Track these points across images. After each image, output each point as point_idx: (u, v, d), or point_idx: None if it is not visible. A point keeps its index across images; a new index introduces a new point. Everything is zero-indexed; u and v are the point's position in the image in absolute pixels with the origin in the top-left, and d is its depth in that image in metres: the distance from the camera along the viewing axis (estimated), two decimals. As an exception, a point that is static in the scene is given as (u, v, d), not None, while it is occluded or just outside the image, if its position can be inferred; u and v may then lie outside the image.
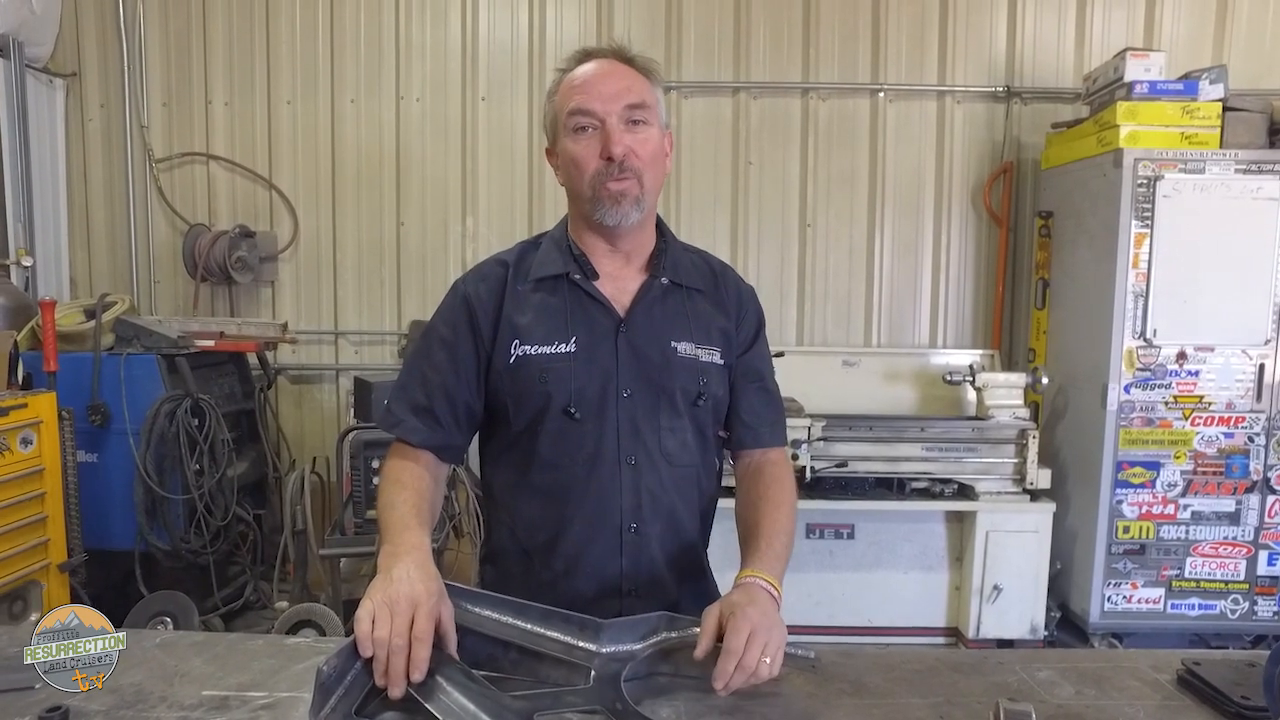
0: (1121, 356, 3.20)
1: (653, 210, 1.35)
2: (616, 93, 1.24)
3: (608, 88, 1.25)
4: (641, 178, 1.26)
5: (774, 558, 1.22)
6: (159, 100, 3.98)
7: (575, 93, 1.26)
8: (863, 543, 3.42)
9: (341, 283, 4.01)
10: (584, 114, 1.24)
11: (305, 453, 3.95)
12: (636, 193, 1.26)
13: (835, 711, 1.05)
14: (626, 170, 1.24)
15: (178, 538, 3.16)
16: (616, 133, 1.23)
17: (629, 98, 1.25)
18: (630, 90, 1.25)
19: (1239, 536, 3.29)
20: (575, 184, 1.29)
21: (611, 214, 1.26)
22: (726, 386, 1.37)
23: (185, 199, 3.99)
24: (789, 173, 4.00)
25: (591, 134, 1.25)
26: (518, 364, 1.28)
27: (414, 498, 1.23)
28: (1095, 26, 3.88)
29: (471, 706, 0.95)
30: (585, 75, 1.27)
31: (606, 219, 1.27)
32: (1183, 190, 3.13)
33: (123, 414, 3.15)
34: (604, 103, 1.24)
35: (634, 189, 1.25)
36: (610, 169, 1.24)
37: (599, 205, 1.26)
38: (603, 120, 1.24)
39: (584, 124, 1.25)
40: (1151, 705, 1.08)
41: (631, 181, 1.25)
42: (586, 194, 1.27)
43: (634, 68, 1.29)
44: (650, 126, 1.27)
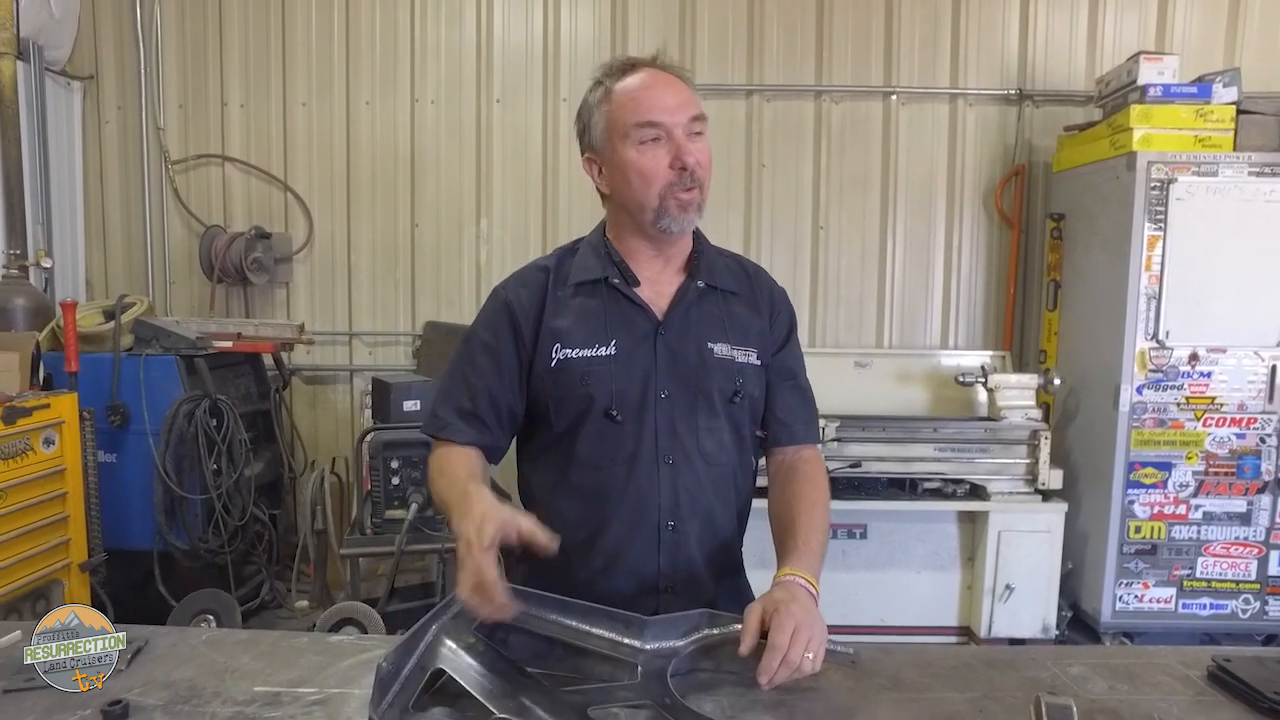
0: (1134, 358, 3.22)
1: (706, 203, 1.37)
2: (680, 104, 1.27)
3: (671, 99, 1.27)
4: (703, 186, 1.30)
5: (811, 556, 1.24)
6: (175, 102, 4.01)
7: (639, 104, 1.27)
8: (875, 542, 3.44)
9: (356, 284, 4.04)
10: (653, 125, 1.26)
11: (319, 453, 3.98)
12: (699, 201, 1.30)
13: (875, 706, 1.08)
14: (695, 180, 1.28)
15: (196, 537, 3.18)
16: (686, 144, 1.26)
17: (692, 109, 1.28)
18: (690, 102, 1.29)
19: (1250, 537, 3.31)
20: (639, 194, 1.30)
21: (678, 222, 1.30)
22: (763, 387, 1.40)
23: (201, 201, 4.02)
24: (802, 175, 4.02)
25: (658, 145, 1.27)
26: (559, 367, 1.31)
27: (466, 470, 1.28)
28: (1107, 29, 3.91)
29: (528, 703, 0.98)
30: (645, 86, 1.29)
31: (673, 227, 1.30)
32: (1196, 193, 3.15)
33: (142, 414, 3.18)
34: (670, 114, 1.27)
35: (698, 198, 1.30)
36: (683, 179, 1.27)
37: (665, 214, 1.29)
38: (670, 131, 1.26)
39: (653, 135, 1.27)
40: (1185, 700, 1.10)
41: (696, 191, 1.29)
42: (653, 204, 1.29)
43: (679, 75, 1.32)
44: (705, 136, 1.31)
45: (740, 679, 1.13)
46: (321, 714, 1.04)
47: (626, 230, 1.36)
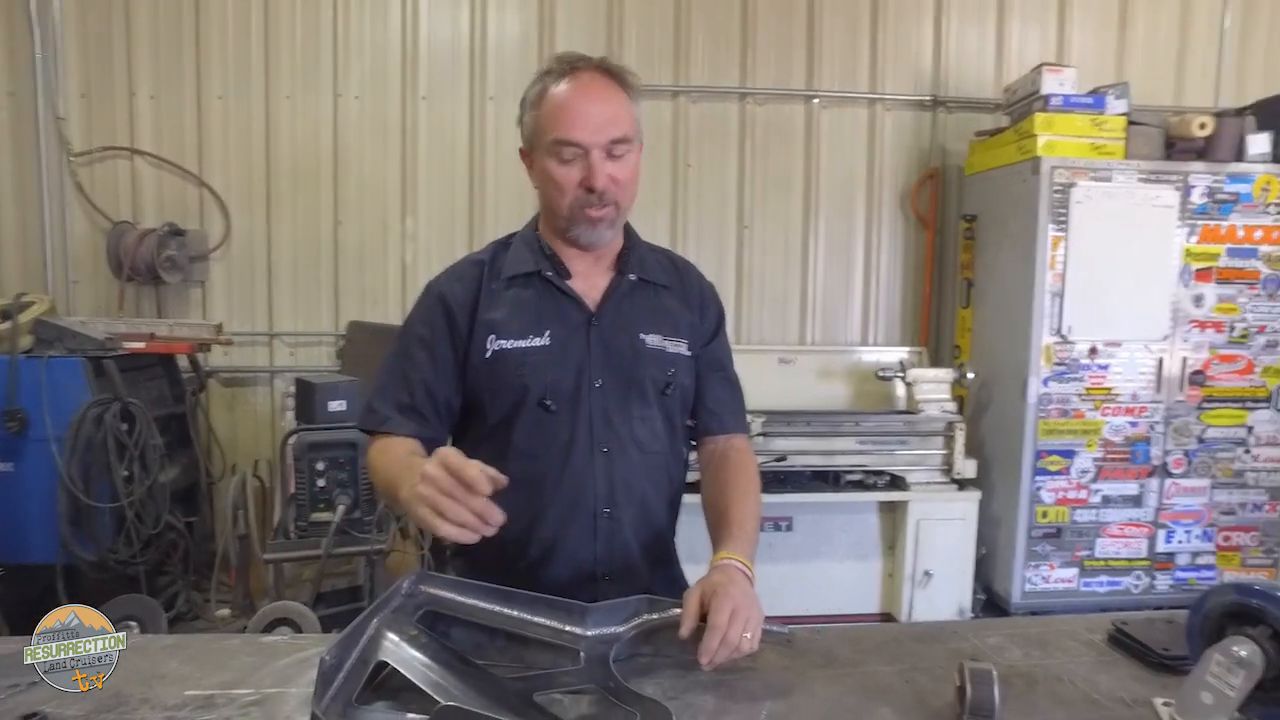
0: (1040, 352, 3.41)
1: (626, 214, 1.40)
2: (602, 124, 1.27)
3: (594, 116, 1.26)
4: (619, 202, 1.32)
5: (746, 541, 1.28)
6: (76, 91, 3.79)
7: (560, 120, 1.27)
8: (801, 534, 3.54)
9: (276, 283, 3.91)
10: (570, 145, 1.27)
11: (239, 457, 3.83)
12: (613, 217, 1.32)
13: (811, 683, 1.12)
14: (606, 199, 1.29)
15: (105, 548, 3.03)
16: (599, 165, 1.27)
17: (613, 131, 1.27)
18: (614, 122, 1.28)
19: (1142, 518, 3.56)
20: (554, 202, 1.33)
21: (587, 235, 1.33)
22: (693, 376, 1.43)
23: (107, 195, 3.81)
24: (726, 175, 4.10)
25: (573, 162, 1.28)
26: (494, 358, 1.32)
27: (408, 450, 1.28)
28: (1013, 41, 4.13)
29: (473, 692, 0.98)
30: (570, 99, 1.27)
31: (583, 239, 1.34)
32: (1093, 197, 3.36)
33: (43, 420, 3.00)
34: (590, 134, 1.26)
35: (611, 214, 1.32)
36: (591, 198, 1.28)
37: (575, 225, 1.32)
38: (586, 151, 1.27)
39: (566, 154, 1.27)
40: (1090, 661, 1.19)
41: (609, 208, 1.31)
42: (564, 214, 1.32)
43: (618, 81, 1.31)
44: (630, 154, 1.31)
45: (680, 662, 1.16)
46: (259, 714, 1.02)
47: (553, 230, 1.38)
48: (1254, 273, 3.47)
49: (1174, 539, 3.58)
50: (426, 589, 1.13)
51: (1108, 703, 1.07)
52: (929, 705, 1.05)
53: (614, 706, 1.02)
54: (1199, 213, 3.42)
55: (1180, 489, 3.55)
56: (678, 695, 1.07)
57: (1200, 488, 3.56)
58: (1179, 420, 3.51)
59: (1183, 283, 3.45)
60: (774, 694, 1.09)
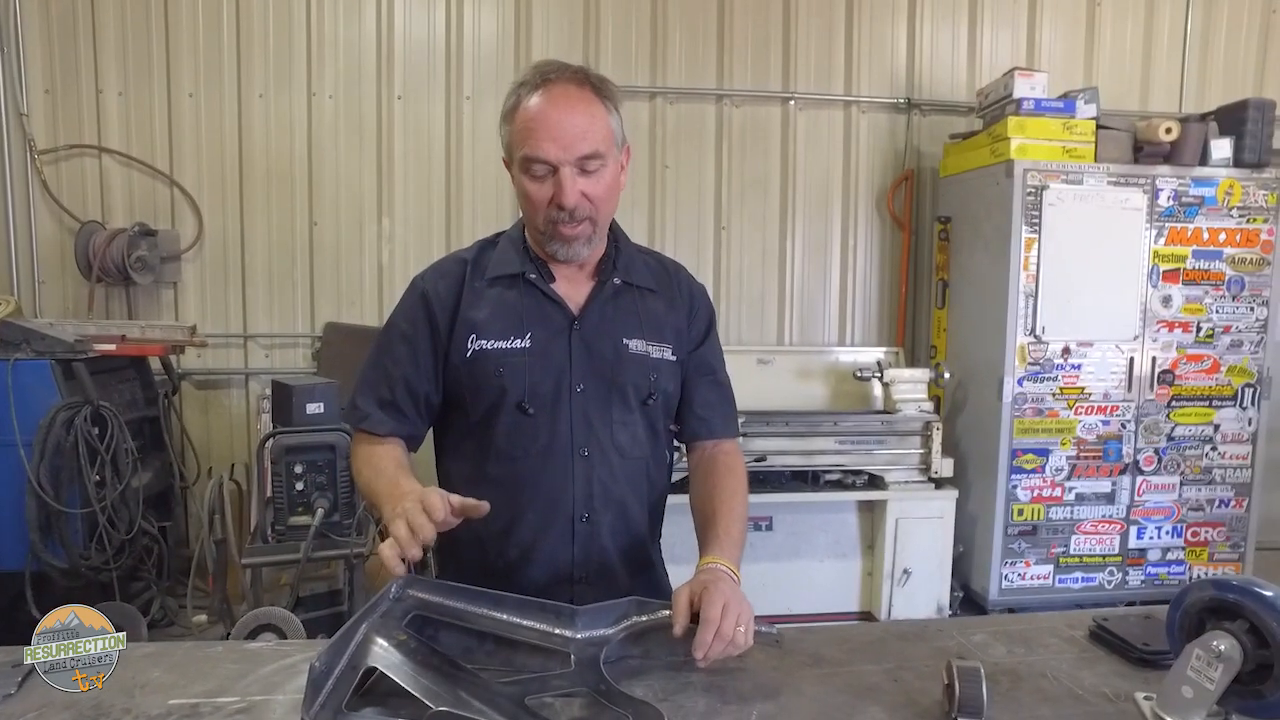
0: (1015, 352, 3.47)
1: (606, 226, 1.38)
2: (572, 140, 1.22)
3: (565, 133, 1.22)
4: (595, 217, 1.29)
5: (732, 545, 1.28)
6: (40, 87, 3.71)
7: (528, 137, 1.23)
8: (781, 534, 3.56)
9: (251, 284, 3.86)
10: (538, 161, 1.24)
11: (214, 461, 3.78)
12: (589, 233, 1.30)
13: (800, 682, 1.13)
14: (579, 215, 1.27)
15: (77, 554, 2.96)
16: (568, 183, 1.23)
17: (583, 148, 1.23)
18: (585, 137, 1.23)
19: (1114, 514, 3.63)
20: (529, 216, 1.32)
21: (562, 251, 1.31)
22: (677, 382, 1.43)
23: (74, 194, 3.74)
24: (704, 176, 4.12)
25: (545, 178, 1.25)
26: (474, 358, 1.32)
27: (394, 465, 1.30)
28: (985, 45, 4.19)
29: (464, 695, 0.98)
30: (541, 113, 1.23)
31: (559, 254, 1.32)
32: (1065, 199, 3.42)
33: (10, 424, 2.93)
34: (559, 151, 1.22)
35: (586, 230, 1.29)
36: (562, 215, 1.26)
37: (550, 242, 1.31)
38: (556, 168, 1.24)
39: (538, 171, 1.25)
40: (1071, 657, 1.21)
41: (584, 225, 1.28)
42: (539, 227, 1.31)
43: (593, 91, 1.27)
44: (605, 168, 1.27)
45: (670, 664, 1.16)
46: (245, 722, 1.01)
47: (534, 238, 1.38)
48: (1219, 274, 3.55)
49: (1145, 535, 3.65)
50: (414, 593, 1.12)
51: (1091, 698, 1.09)
52: (918, 703, 1.06)
53: (605, 709, 1.02)
54: (1166, 215, 3.50)
55: (1151, 486, 3.63)
56: (668, 697, 1.07)
57: (1170, 484, 3.64)
58: (1149, 419, 3.59)
59: (1151, 283, 3.52)
60: (764, 695, 1.09)
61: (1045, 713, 1.05)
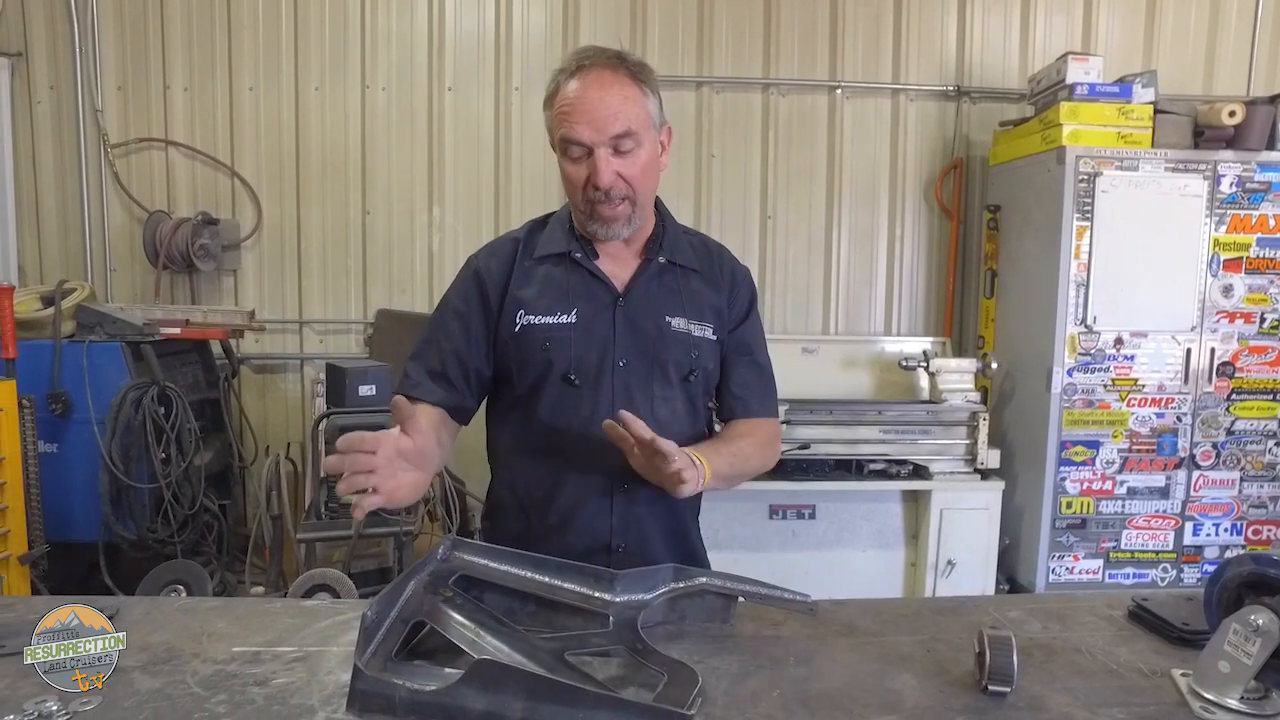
0: (1064, 342, 3.40)
1: (648, 210, 1.42)
2: (605, 121, 1.27)
3: (598, 114, 1.27)
4: (633, 197, 1.33)
5: (714, 454, 1.33)
6: (113, 84, 3.89)
7: (565, 119, 1.29)
8: (823, 522, 3.55)
9: (306, 272, 3.99)
10: (575, 144, 1.29)
11: (270, 442, 3.92)
12: (628, 213, 1.35)
13: (833, 650, 1.15)
14: (615, 196, 1.31)
15: (145, 527, 3.12)
16: (603, 164, 1.29)
17: (616, 127, 1.28)
18: (618, 117, 1.28)
19: (1168, 510, 3.53)
20: (570, 197, 1.38)
21: (602, 231, 1.36)
22: (718, 361, 1.46)
23: (143, 186, 3.91)
24: (750, 166, 4.12)
25: (580, 160, 1.31)
26: (522, 332, 1.38)
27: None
28: (1038, 30, 4.10)
29: (506, 648, 1.02)
30: (576, 97, 1.29)
31: (600, 234, 1.37)
32: (1119, 186, 3.34)
33: (85, 403, 3.10)
34: (593, 132, 1.28)
35: (625, 210, 1.34)
36: (599, 195, 1.31)
37: (591, 222, 1.36)
38: (591, 149, 1.29)
39: (574, 152, 1.30)
40: (1108, 635, 1.21)
41: (622, 205, 1.33)
42: (581, 208, 1.36)
43: (628, 74, 1.31)
44: (640, 148, 1.31)
45: (705, 630, 1.20)
46: (303, 669, 1.07)
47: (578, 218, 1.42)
48: (1286, 263, 3.43)
49: (1201, 532, 3.55)
50: (460, 555, 1.17)
51: (1126, 673, 1.09)
52: (949, 673, 1.08)
53: (642, 667, 1.05)
54: (1228, 202, 3.39)
55: (1208, 481, 3.53)
56: (703, 659, 1.11)
57: (1229, 480, 3.53)
58: (1207, 412, 3.48)
59: (1211, 273, 3.42)
60: (797, 659, 1.12)
61: (1078, 685, 1.05)
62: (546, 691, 0.91)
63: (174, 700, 0.98)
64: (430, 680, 0.97)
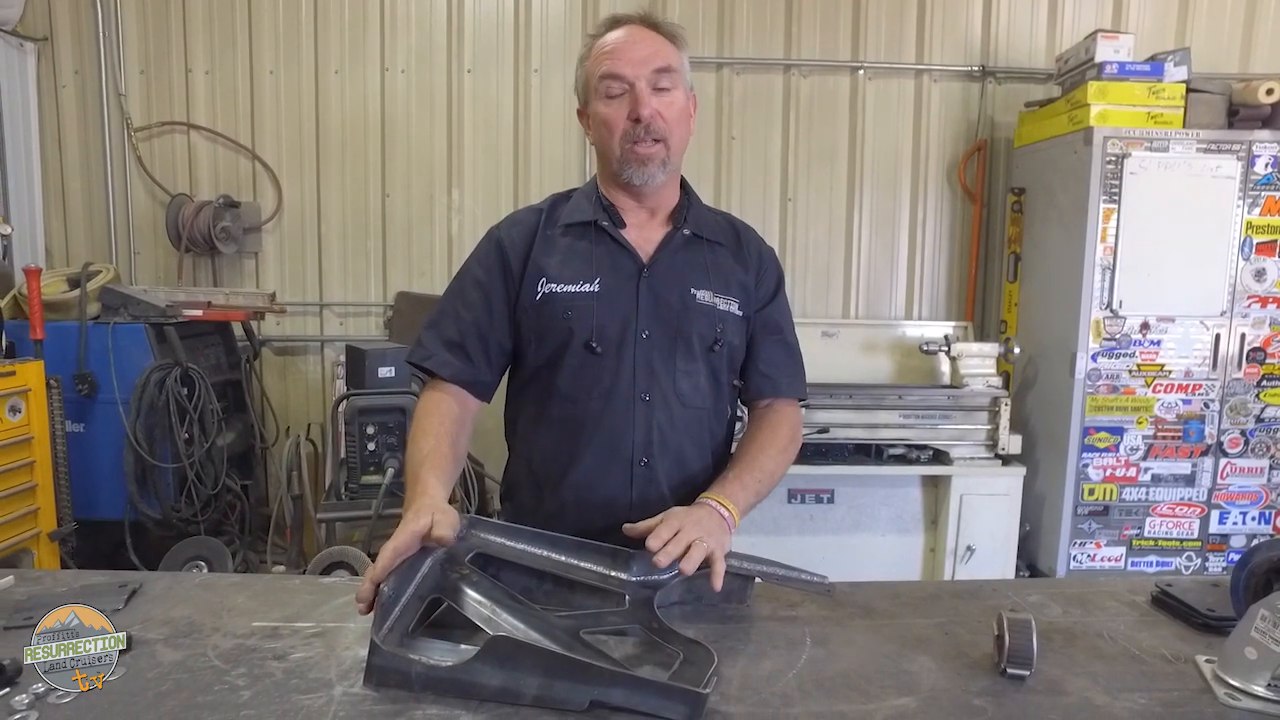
0: (1089, 327, 3.35)
1: (678, 169, 1.41)
2: (644, 57, 1.32)
3: (636, 53, 1.32)
4: (668, 140, 1.34)
5: (739, 487, 1.30)
6: (136, 68, 3.92)
7: (606, 58, 1.33)
8: (842, 507, 3.53)
9: (326, 254, 4.01)
10: (614, 78, 1.32)
11: (291, 423, 3.96)
12: (663, 155, 1.34)
13: (850, 631, 1.15)
14: (653, 132, 1.32)
15: (169, 506, 3.17)
16: (644, 95, 1.31)
17: (656, 62, 1.32)
18: (657, 55, 1.33)
19: (1194, 497, 3.48)
20: (605, 144, 1.36)
21: (639, 174, 1.34)
22: (743, 337, 1.45)
23: (165, 168, 3.94)
24: (771, 148, 4.07)
25: (621, 97, 1.32)
26: (543, 300, 1.36)
27: (433, 443, 1.27)
28: (1067, 8, 4.01)
29: (522, 626, 1.03)
30: (616, 41, 1.34)
31: (634, 179, 1.35)
32: (1148, 168, 3.27)
33: (110, 383, 3.14)
34: (633, 67, 1.31)
35: (660, 152, 1.34)
36: (637, 130, 1.31)
37: (626, 165, 1.35)
38: (632, 84, 1.31)
39: (614, 89, 1.32)
40: (1130, 620, 1.20)
41: (659, 146, 1.33)
42: (616, 154, 1.35)
43: (661, 33, 1.36)
44: (676, 90, 1.35)
45: (722, 611, 1.19)
46: (321, 645, 1.08)
47: (611, 181, 1.41)
48: (1322, 247, 3.35)
49: (1228, 520, 3.50)
50: (477, 533, 1.18)
51: (1149, 659, 1.07)
52: (967, 655, 1.07)
53: (658, 647, 1.05)
54: (1263, 183, 3.30)
55: (1236, 469, 3.47)
56: (719, 639, 1.10)
57: (1258, 468, 3.47)
58: (1236, 398, 3.42)
59: (1244, 256, 3.34)
60: (814, 640, 1.11)
61: (1098, 669, 1.04)
62: (562, 669, 0.91)
63: (195, 672, 1.00)
64: (446, 656, 0.98)
